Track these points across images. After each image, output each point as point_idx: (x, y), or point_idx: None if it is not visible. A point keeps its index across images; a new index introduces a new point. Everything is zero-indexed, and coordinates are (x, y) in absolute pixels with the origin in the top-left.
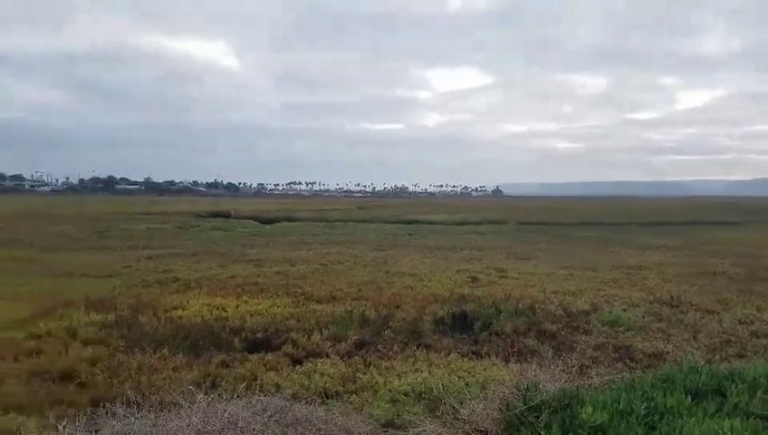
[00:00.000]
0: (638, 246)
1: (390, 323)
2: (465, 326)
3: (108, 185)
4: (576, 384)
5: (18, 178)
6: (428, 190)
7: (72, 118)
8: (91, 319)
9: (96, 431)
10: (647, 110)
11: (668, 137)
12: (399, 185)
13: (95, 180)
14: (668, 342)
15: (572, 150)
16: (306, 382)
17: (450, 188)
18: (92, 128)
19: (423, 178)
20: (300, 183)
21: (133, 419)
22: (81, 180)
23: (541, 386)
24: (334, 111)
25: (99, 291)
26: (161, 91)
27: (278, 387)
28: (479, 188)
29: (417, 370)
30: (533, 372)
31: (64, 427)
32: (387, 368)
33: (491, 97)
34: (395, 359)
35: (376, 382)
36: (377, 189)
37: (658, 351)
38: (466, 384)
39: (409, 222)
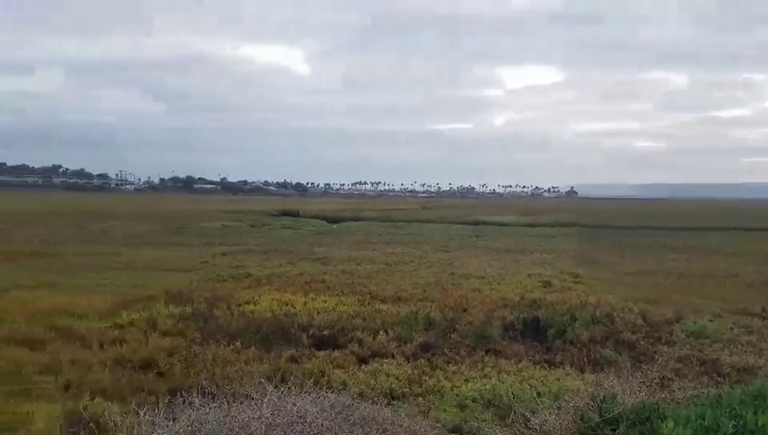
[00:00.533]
0: (723, 253)
1: (457, 327)
2: (538, 333)
3: (186, 184)
4: (657, 398)
5: (104, 177)
6: (497, 191)
7: (155, 121)
8: (170, 311)
9: (173, 419)
10: (735, 107)
11: (760, 136)
12: (466, 185)
13: (175, 180)
14: (760, 356)
15: (653, 150)
16: (372, 382)
17: (520, 189)
18: (173, 130)
19: (491, 178)
20: (365, 183)
21: (208, 408)
22: (162, 180)
23: (618, 398)
24: (401, 111)
25: (177, 285)
26: (237, 96)
27: (345, 385)
28: (552, 189)
29: (485, 376)
30: (611, 384)
31: (145, 413)
32: (454, 372)
33: (565, 95)
34: (462, 363)
35: (442, 386)
36: (442, 190)
37: (749, 365)
38: (538, 393)
39: (476, 223)
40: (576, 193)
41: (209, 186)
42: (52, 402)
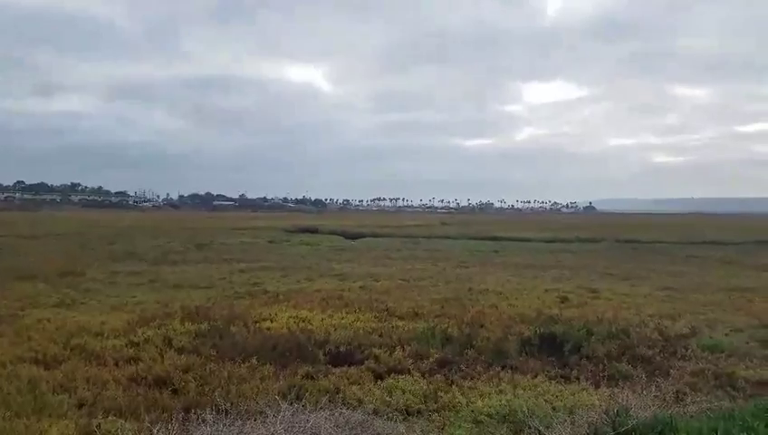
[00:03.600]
0: (746, 266)
1: (474, 343)
2: (554, 348)
3: (206, 201)
4: (670, 411)
5: (123, 194)
6: (515, 206)
7: (180, 140)
8: (186, 328)
9: None
10: (758, 121)
11: None
12: (484, 201)
13: (194, 197)
14: None
15: (677, 165)
16: (388, 398)
17: (539, 205)
18: (196, 149)
19: (510, 193)
20: (384, 199)
21: (221, 425)
22: (181, 196)
23: (632, 412)
24: (423, 128)
25: (198, 301)
26: (262, 115)
27: (360, 401)
28: (570, 205)
29: (501, 391)
30: (625, 398)
31: (158, 431)
32: (469, 388)
33: (587, 110)
34: (478, 379)
35: (458, 402)
36: (461, 205)
37: (764, 379)
38: (553, 408)
39: (495, 238)
40: (594, 208)
41: (228, 202)
42: (66, 420)
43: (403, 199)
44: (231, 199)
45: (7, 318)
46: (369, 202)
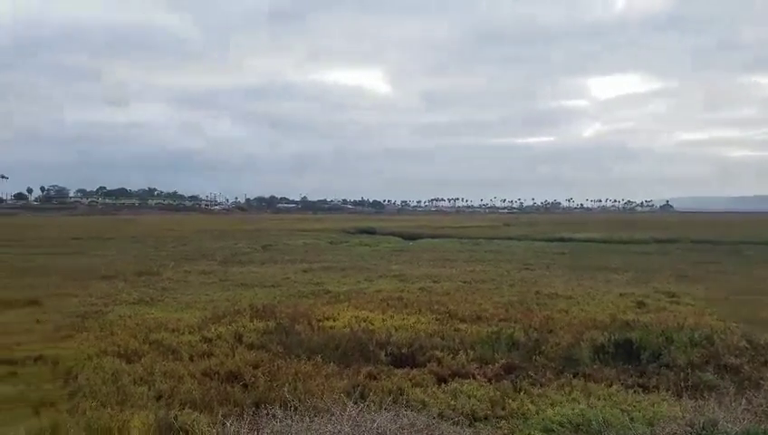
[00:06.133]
0: None
1: (542, 348)
2: (630, 356)
3: (270, 204)
4: (764, 427)
5: (195, 198)
6: (585, 206)
7: (246, 145)
8: (255, 326)
9: (257, 430)
10: None
11: None
12: (551, 200)
13: (259, 200)
14: None
15: (758, 160)
16: (452, 402)
17: (610, 204)
18: (261, 154)
19: (578, 192)
20: (443, 199)
21: (290, 421)
22: (248, 200)
23: (720, 425)
24: (481, 126)
25: (264, 300)
26: (320, 119)
27: (424, 404)
28: (645, 203)
29: (573, 399)
30: (711, 410)
31: (231, 425)
32: (539, 395)
33: (658, 103)
34: (548, 386)
35: (527, 410)
36: (525, 205)
37: None
38: (631, 419)
39: (562, 240)
40: (672, 207)
41: (291, 205)
42: (146, 411)
43: (462, 200)
44: (293, 202)
45: (93, 314)
46: (427, 203)
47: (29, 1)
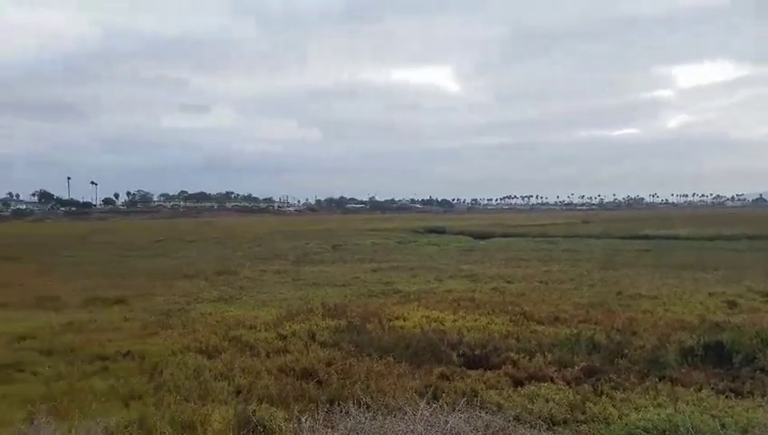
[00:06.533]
0: None
1: (625, 351)
2: (721, 359)
3: (339, 204)
4: None
5: (269, 200)
6: (670, 201)
7: (315, 147)
8: (327, 324)
9: (332, 427)
10: None
11: None
12: (633, 196)
13: (329, 201)
14: None
15: None
16: (529, 405)
17: (698, 198)
18: (330, 155)
19: (663, 187)
20: (515, 197)
21: (363, 419)
22: (318, 201)
23: None
24: (556, 121)
25: (335, 299)
26: (386, 120)
27: (499, 406)
28: (736, 197)
29: (659, 404)
30: None
31: (306, 420)
32: (622, 400)
33: (750, 91)
34: (632, 390)
35: (609, 414)
36: (605, 202)
37: None
38: (722, 426)
39: (645, 237)
40: (766, 201)
41: (359, 205)
42: (226, 405)
43: (537, 197)
44: (362, 202)
45: (176, 312)
46: (498, 201)
47: (113, 17)
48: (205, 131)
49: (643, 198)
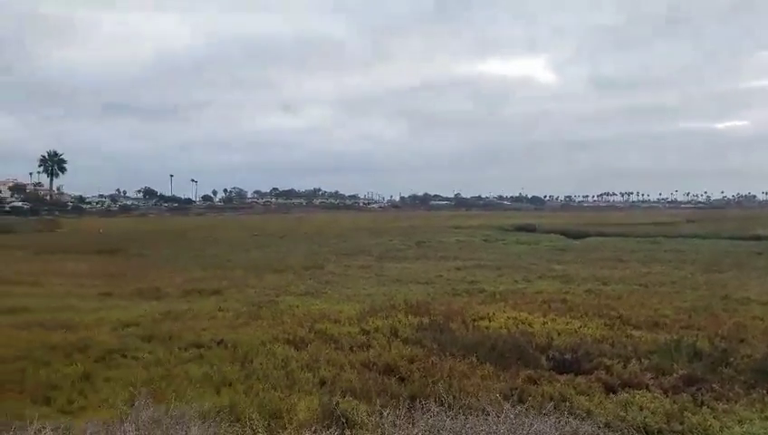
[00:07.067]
0: None
1: (731, 359)
2: None
3: (423, 201)
4: None
5: (354, 197)
6: None
7: (400, 144)
8: (410, 321)
9: (413, 423)
10: None
11: None
12: (744, 193)
13: (413, 197)
14: None
15: None
16: (622, 413)
17: None
18: (415, 152)
19: None
20: (613, 194)
21: (445, 416)
22: (402, 198)
23: None
24: (658, 112)
25: (418, 296)
26: (476, 114)
27: (589, 413)
28: None
29: (766, 418)
30: None
31: (388, 414)
32: (724, 411)
33: None
34: (736, 402)
35: (709, 425)
36: (712, 199)
37: None
38: None
39: (758, 238)
40: None
41: (443, 202)
42: (311, 396)
43: (637, 194)
44: (446, 199)
45: (267, 304)
46: (595, 198)
47: (213, 23)
48: (297, 131)
49: (755, 196)
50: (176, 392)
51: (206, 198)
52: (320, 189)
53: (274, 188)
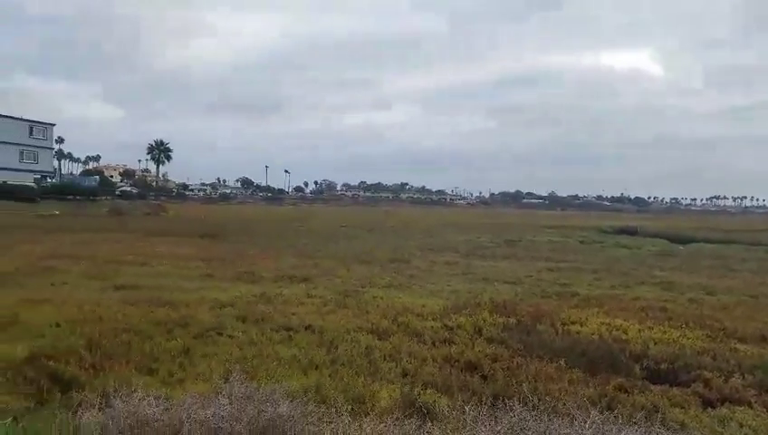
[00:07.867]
0: None
1: None
2: None
3: (515, 198)
4: None
5: (441, 192)
6: None
7: (490, 140)
8: (495, 320)
9: (495, 420)
10: None
11: None
12: None
13: (504, 194)
14: None
15: None
16: (719, 429)
17: None
18: (506, 148)
19: None
20: (724, 197)
21: (528, 416)
22: (492, 194)
23: None
24: None
25: (505, 296)
26: (574, 109)
27: (683, 425)
28: None
29: None
30: None
31: (469, 410)
32: None
33: None
34: None
35: None
36: None
37: None
38: None
39: None
40: None
41: (536, 200)
42: (393, 385)
43: (751, 199)
44: (540, 197)
45: (353, 293)
46: (704, 201)
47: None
48: (386, 126)
49: None
50: (266, 371)
51: (297, 188)
52: (407, 184)
53: (362, 182)
